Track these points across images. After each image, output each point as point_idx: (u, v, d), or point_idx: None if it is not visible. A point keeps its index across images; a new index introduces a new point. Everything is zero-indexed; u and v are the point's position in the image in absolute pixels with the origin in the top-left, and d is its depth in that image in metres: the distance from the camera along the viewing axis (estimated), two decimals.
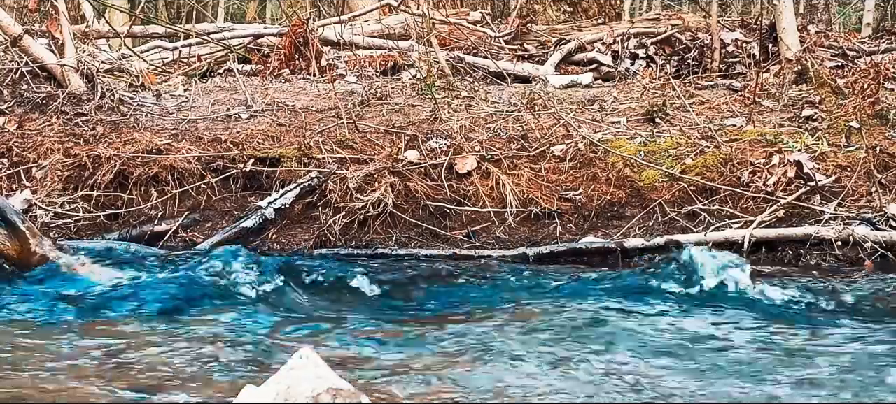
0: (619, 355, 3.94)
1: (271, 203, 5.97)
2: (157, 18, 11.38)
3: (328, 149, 6.35)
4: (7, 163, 6.37)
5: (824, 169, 6.10)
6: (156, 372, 3.69)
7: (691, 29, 8.68)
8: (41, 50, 7.42)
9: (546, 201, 6.02)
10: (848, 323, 4.49)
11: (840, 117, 6.66)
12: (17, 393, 3.41)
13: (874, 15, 10.10)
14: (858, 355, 4.00)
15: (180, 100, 7.40)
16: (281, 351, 3.91)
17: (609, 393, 3.53)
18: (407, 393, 3.50)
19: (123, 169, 6.17)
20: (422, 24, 8.18)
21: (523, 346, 4.00)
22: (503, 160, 6.24)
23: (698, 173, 6.12)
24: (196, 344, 4.04)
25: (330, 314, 4.66)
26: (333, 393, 2.76)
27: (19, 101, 7.07)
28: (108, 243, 5.81)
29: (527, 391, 3.54)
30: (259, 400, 2.80)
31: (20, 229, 5.13)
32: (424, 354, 3.95)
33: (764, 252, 5.64)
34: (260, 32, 9.16)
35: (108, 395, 3.42)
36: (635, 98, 7.32)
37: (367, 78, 7.76)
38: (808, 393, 3.55)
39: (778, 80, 7.41)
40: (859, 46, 8.37)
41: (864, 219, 5.66)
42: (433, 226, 5.94)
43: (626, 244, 5.70)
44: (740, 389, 3.59)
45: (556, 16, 9.98)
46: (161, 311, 4.54)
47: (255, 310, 4.62)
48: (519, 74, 8.17)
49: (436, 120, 6.80)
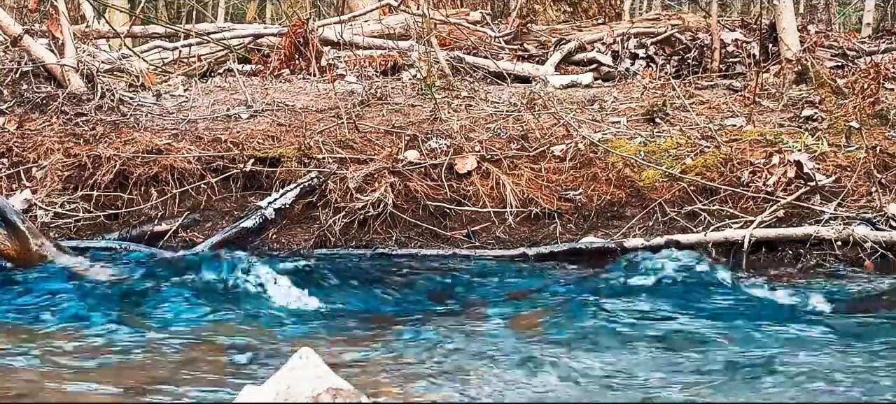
0: (619, 355, 3.94)
1: (271, 203, 5.97)
2: (157, 18, 11.38)
3: (328, 149, 6.35)
4: (7, 163, 6.37)
5: (824, 169, 6.10)
6: (155, 371, 3.69)
7: (691, 29, 8.67)
8: (41, 50, 7.41)
9: (546, 201, 6.02)
10: (848, 324, 4.49)
11: (840, 117, 6.66)
12: (16, 394, 3.40)
13: (874, 15, 10.10)
14: (858, 355, 4.00)
15: (180, 100, 7.40)
16: (281, 352, 3.92)
17: (609, 393, 3.54)
18: (407, 392, 3.50)
19: (123, 169, 6.17)
20: (422, 24, 8.18)
21: (523, 346, 4.00)
22: (503, 160, 6.24)
23: (698, 173, 6.11)
24: (196, 344, 4.04)
25: (330, 314, 4.67)
26: (333, 393, 2.76)
27: (19, 101, 7.06)
28: (108, 243, 5.82)
29: (527, 391, 3.54)
30: (259, 400, 2.80)
31: (20, 229, 5.12)
32: (424, 354, 3.95)
33: (764, 252, 5.63)
34: (260, 32, 9.15)
35: (108, 395, 3.42)
36: (635, 98, 7.31)
37: (367, 78, 7.76)
38: (808, 393, 3.55)
39: (778, 80, 7.41)
40: (859, 46, 8.36)
41: (864, 219, 5.66)
42: (433, 226, 5.93)
43: (626, 244, 5.70)
44: (740, 389, 3.59)
45: (556, 16, 9.98)
46: (160, 311, 4.54)
47: (254, 310, 4.62)
48: (519, 74, 8.17)
49: (436, 120, 6.80)
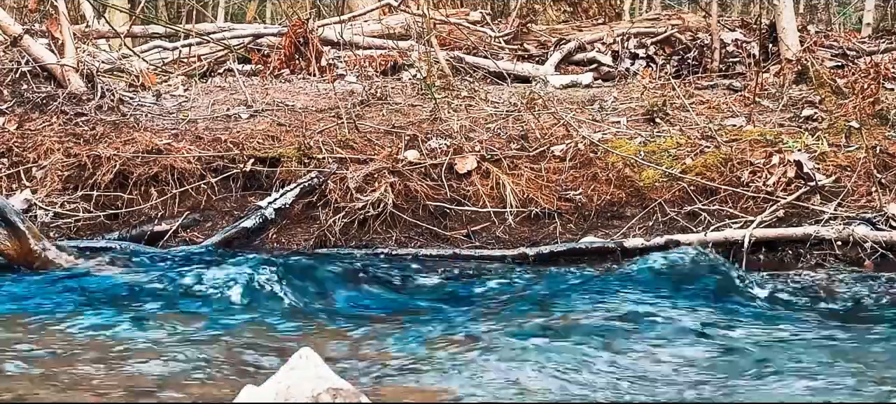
0: (619, 355, 3.94)
1: (271, 203, 5.97)
2: (157, 18, 11.38)
3: (328, 149, 6.35)
4: (7, 163, 6.37)
5: (824, 169, 6.10)
6: (155, 372, 3.68)
7: (691, 29, 8.67)
8: (41, 50, 7.41)
9: (546, 201, 6.02)
10: (848, 323, 4.49)
11: (840, 117, 6.66)
12: (16, 394, 3.40)
13: (874, 15, 10.08)
14: (858, 355, 4.01)
15: (180, 100, 7.40)
16: (281, 352, 3.92)
17: (609, 394, 3.53)
18: (407, 392, 3.50)
19: (123, 169, 6.17)
20: (422, 24, 8.18)
21: (523, 346, 4.00)
22: (503, 160, 6.24)
23: (698, 173, 6.11)
24: (195, 344, 4.04)
25: (330, 314, 4.67)
26: (333, 393, 2.76)
27: (19, 101, 7.07)
28: (108, 243, 5.82)
29: (527, 391, 3.54)
30: (259, 400, 2.80)
31: (20, 229, 5.13)
32: (424, 354, 3.95)
33: (764, 252, 5.63)
34: (260, 32, 9.16)
35: (108, 395, 3.42)
36: (635, 98, 7.31)
37: (367, 78, 7.76)
38: (808, 393, 3.55)
39: (778, 80, 7.41)
40: (859, 46, 8.36)
41: (864, 219, 5.66)
42: (433, 226, 5.93)
43: (626, 244, 5.70)
44: (739, 389, 3.59)
45: (556, 16, 9.99)
46: (160, 311, 4.54)
47: (254, 310, 4.62)
48: (519, 74, 8.17)
49: (436, 120, 6.79)
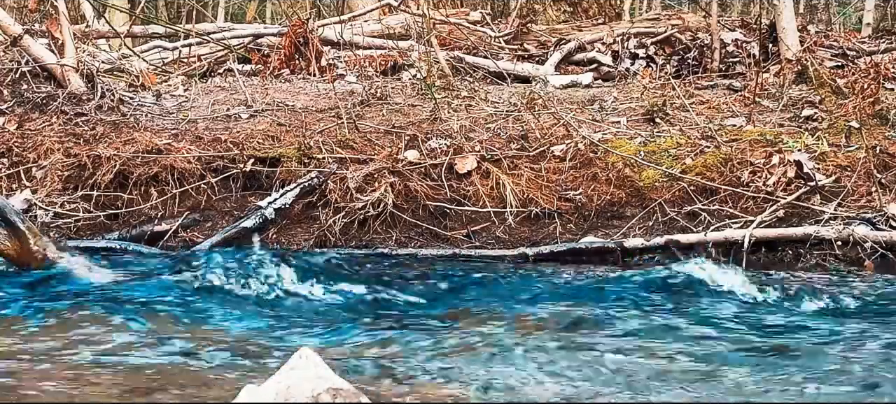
0: (619, 355, 3.94)
1: (271, 203, 5.98)
2: (157, 18, 11.38)
3: (328, 149, 6.35)
4: (7, 163, 6.37)
5: (824, 169, 6.10)
6: (155, 372, 3.68)
7: (691, 29, 8.67)
8: (41, 50, 7.41)
9: (546, 201, 6.02)
10: (848, 323, 4.49)
11: (840, 117, 6.66)
12: (15, 394, 3.40)
13: (874, 15, 10.08)
14: (858, 355, 4.00)
15: (180, 100, 7.40)
16: (281, 351, 3.91)
17: (609, 394, 3.53)
18: (407, 392, 3.50)
19: (123, 169, 6.18)
20: (422, 24, 8.18)
21: (524, 346, 3.99)
22: (503, 160, 6.24)
23: (698, 173, 6.12)
24: (196, 344, 4.03)
25: (329, 314, 4.66)
26: (333, 393, 2.76)
27: (19, 101, 7.07)
28: (108, 243, 5.82)
29: (527, 391, 3.53)
30: (259, 400, 2.80)
31: (20, 229, 5.12)
32: (424, 354, 3.95)
33: (764, 252, 5.64)
34: (260, 32, 9.15)
35: (108, 395, 3.42)
36: (635, 98, 7.32)
37: (367, 78, 7.76)
38: (808, 393, 3.55)
39: (778, 80, 7.41)
40: (859, 46, 8.36)
41: (864, 219, 5.66)
42: (433, 226, 5.94)
43: (626, 244, 5.70)
44: (740, 389, 3.59)
45: (556, 16, 9.98)
46: (160, 311, 4.54)
47: (254, 310, 4.62)
48: (519, 74, 8.17)
49: (436, 120, 6.80)
